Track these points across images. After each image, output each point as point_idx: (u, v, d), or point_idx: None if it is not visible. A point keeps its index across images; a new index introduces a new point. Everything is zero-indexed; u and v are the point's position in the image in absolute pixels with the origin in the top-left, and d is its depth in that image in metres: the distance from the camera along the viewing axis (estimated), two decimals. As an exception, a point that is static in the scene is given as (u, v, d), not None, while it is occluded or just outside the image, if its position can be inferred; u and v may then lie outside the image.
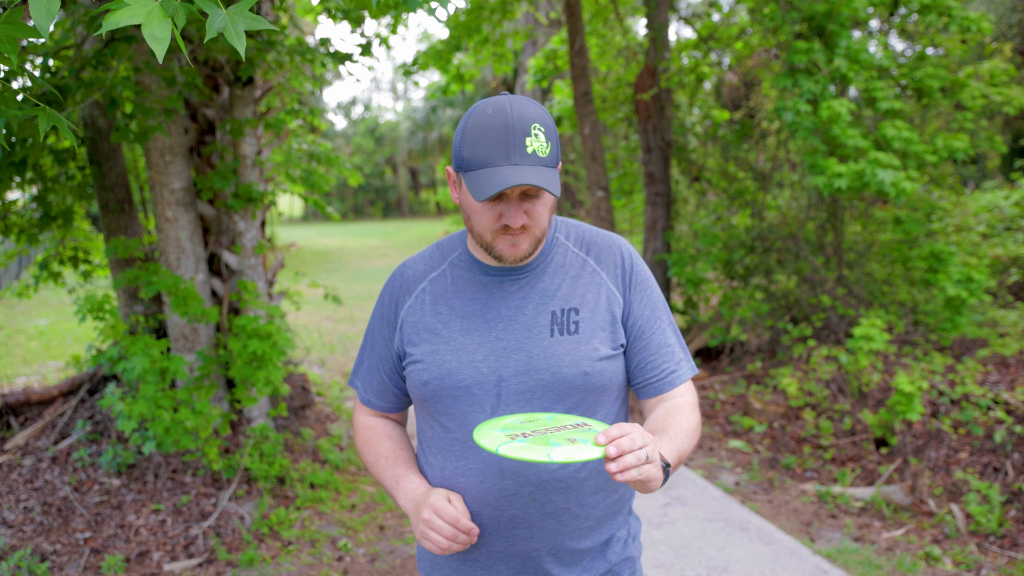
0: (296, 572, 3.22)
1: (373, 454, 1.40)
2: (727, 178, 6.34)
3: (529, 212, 1.21)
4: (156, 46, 1.05)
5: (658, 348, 1.33)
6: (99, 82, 3.23)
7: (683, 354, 1.37)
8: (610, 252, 1.35)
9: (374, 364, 1.41)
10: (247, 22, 1.18)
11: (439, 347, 1.29)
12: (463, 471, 1.29)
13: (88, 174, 4.18)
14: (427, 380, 1.30)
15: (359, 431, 1.46)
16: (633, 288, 1.33)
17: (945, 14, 4.51)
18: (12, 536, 3.31)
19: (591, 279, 1.32)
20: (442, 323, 1.30)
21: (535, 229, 1.23)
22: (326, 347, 7.84)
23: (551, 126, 1.21)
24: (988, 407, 3.92)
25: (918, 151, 4.35)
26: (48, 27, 1.03)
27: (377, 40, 4.65)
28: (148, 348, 3.42)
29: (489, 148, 1.16)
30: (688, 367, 1.36)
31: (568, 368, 1.26)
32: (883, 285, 5.28)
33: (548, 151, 1.18)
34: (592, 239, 1.37)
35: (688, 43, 6.96)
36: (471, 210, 1.23)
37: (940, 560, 3.18)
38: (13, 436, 4.02)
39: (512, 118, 1.17)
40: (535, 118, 1.18)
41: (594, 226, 1.39)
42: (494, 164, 1.16)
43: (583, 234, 1.37)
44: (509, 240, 1.22)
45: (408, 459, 1.39)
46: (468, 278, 1.32)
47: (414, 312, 1.34)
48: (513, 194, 1.19)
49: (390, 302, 1.37)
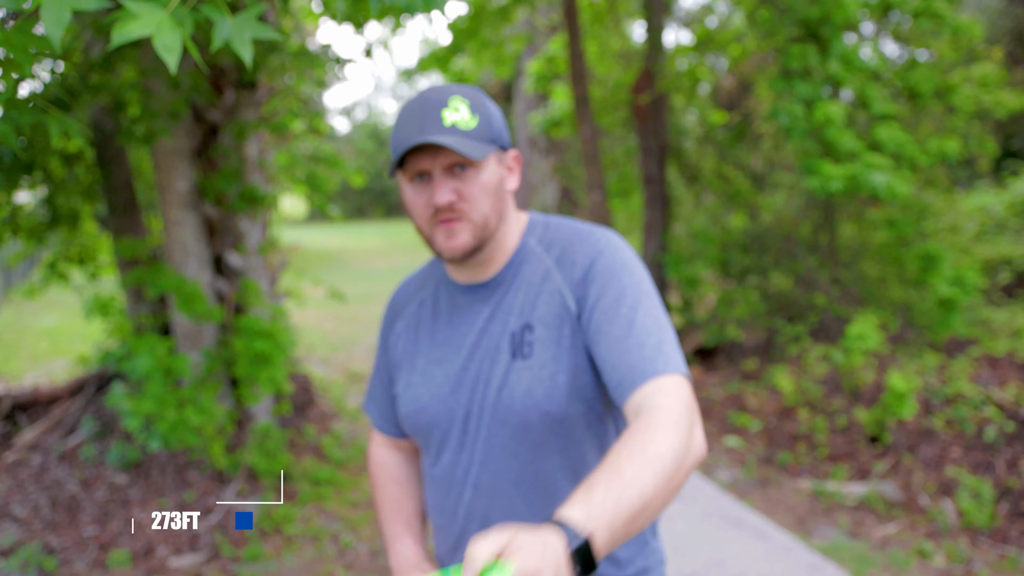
0: (299, 567, 3.28)
1: (379, 499, 1.32)
2: (723, 180, 6.40)
3: (460, 192, 1.06)
4: (168, 57, 1.05)
5: (618, 341, 1.02)
6: (106, 86, 3.28)
7: (660, 348, 1.01)
8: (572, 249, 1.12)
9: (383, 388, 1.31)
10: (253, 31, 1.19)
11: (413, 379, 1.19)
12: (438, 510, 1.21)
13: (95, 176, 4.24)
14: (404, 415, 1.21)
15: (371, 469, 1.35)
16: (591, 281, 1.08)
17: (937, 19, 4.57)
18: (21, 531, 3.37)
19: (545, 285, 1.11)
20: (419, 351, 1.20)
21: (472, 214, 1.07)
22: (328, 346, 7.90)
23: (480, 101, 1.08)
24: (979, 405, 3.98)
25: (911, 153, 4.40)
26: (60, 37, 1.03)
27: (379, 44, 4.70)
28: (154, 347, 3.48)
29: (404, 128, 1.06)
30: (664, 362, 1.00)
31: (520, 399, 1.08)
32: (877, 285, 5.34)
33: (474, 124, 1.06)
34: (559, 236, 1.16)
35: (685, 47, 7.02)
36: (407, 207, 1.11)
37: (932, 555, 3.23)
38: (22, 433, 4.07)
39: (429, 94, 1.08)
40: (458, 92, 1.08)
41: (584, 222, 1.19)
42: (408, 141, 1.04)
43: (553, 232, 1.17)
44: (444, 230, 1.07)
45: (410, 512, 1.29)
46: (446, 300, 1.20)
47: (400, 338, 1.25)
48: (434, 169, 1.06)
49: (385, 326, 1.29)
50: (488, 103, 1.11)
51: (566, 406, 1.08)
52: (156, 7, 1.08)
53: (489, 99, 1.12)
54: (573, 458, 1.12)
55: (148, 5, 1.08)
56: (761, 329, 5.56)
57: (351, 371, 6.82)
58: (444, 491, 1.18)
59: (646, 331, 1.02)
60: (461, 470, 1.15)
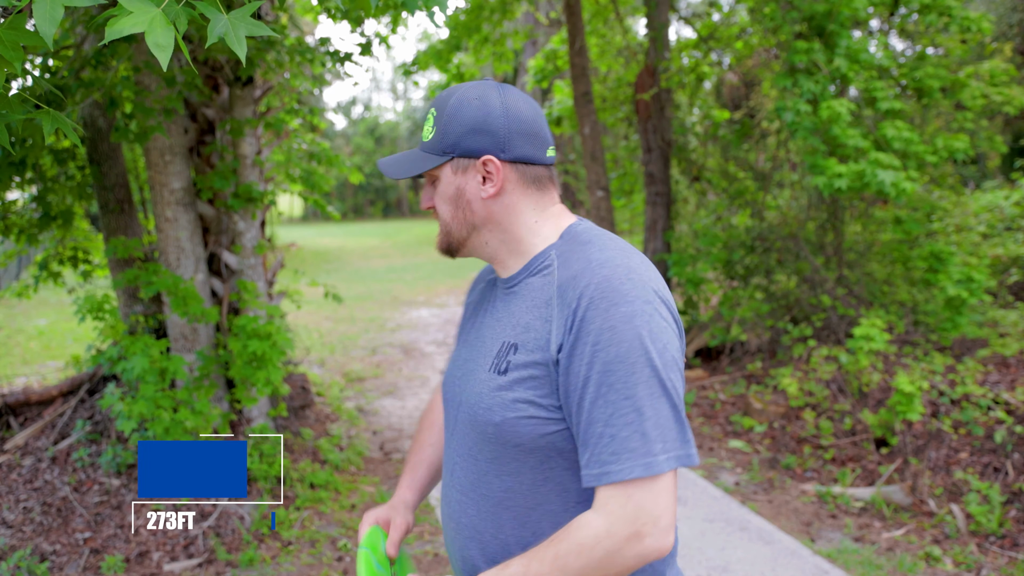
0: (296, 572, 3.22)
1: (413, 439, 1.43)
2: (727, 178, 6.34)
3: (434, 199, 1.17)
4: (160, 54, 1.05)
5: (584, 424, 0.98)
6: (99, 82, 3.22)
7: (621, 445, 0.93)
8: (575, 282, 1.02)
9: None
10: (248, 28, 1.18)
11: (452, 354, 1.28)
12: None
13: (88, 174, 4.17)
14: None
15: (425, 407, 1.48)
16: (577, 336, 0.98)
17: (945, 14, 4.51)
18: (12, 536, 3.31)
19: (544, 310, 1.06)
20: (463, 329, 1.29)
21: (441, 220, 1.17)
22: (326, 347, 7.84)
23: (447, 109, 1.12)
24: (988, 407, 3.92)
25: (918, 151, 4.35)
26: (52, 34, 1.02)
27: (377, 40, 4.65)
28: (148, 348, 3.42)
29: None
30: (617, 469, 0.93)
31: (483, 412, 1.08)
32: (883, 285, 5.28)
33: (430, 135, 1.14)
34: (574, 259, 1.06)
35: (688, 43, 6.96)
36: None
37: (940, 560, 3.18)
38: (13, 436, 4.01)
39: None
40: (436, 102, 1.15)
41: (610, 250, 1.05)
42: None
43: (576, 251, 1.08)
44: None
45: (424, 457, 1.37)
46: (492, 289, 1.25)
47: (465, 311, 1.33)
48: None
49: (466, 296, 1.36)
50: (456, 110, 1.11)
51: (526, 435, 1.05)
52: (149, 3, 1.08)
53: (470, 101, 1.11)
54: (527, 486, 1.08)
55: (142, 1, 1.08)
56: (765, 330, 5.51)
57: (349, 372, 6.77)
58: (447, 467, 1.22)
59: (612, 419, 0.95)
60: (450, 453, 1.21)
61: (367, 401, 5.83)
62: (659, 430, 0.94)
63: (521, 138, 1.11)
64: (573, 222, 1.16)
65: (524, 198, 1.13)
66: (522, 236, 1.15)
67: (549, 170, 1.17)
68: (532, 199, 1.14)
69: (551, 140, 1.17)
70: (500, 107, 1.11)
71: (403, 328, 9.00)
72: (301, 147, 5.10)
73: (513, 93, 1.14)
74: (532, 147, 1.12)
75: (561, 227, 1.15)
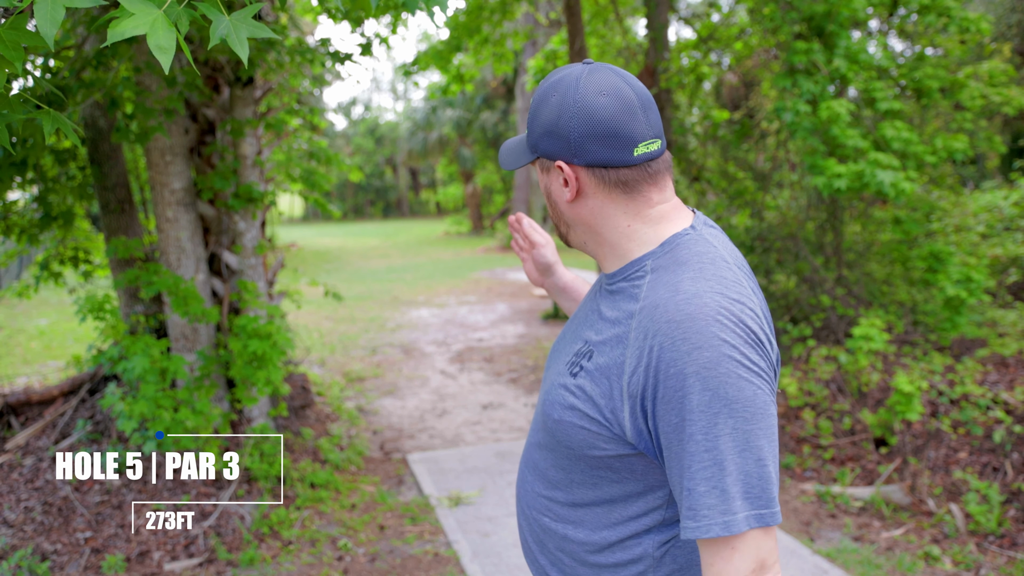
0: (296, 572, 3.22)
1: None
2: (727, 178, 6.35)
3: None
4: (161, 56, 1.04)
5: (674, 476, 0.94)
6: (100, 82, 3.23)
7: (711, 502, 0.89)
8: (655, 317, 0.94)
9: None
10: (250, 29, 1.18)
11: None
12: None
13: (88, 174, 4.18)
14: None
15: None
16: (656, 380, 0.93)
17: (944, 14, 4.52)
18: (13, 536, 3.32)
19: (623, 329, 1.00)
20: (581, 304, 1.24)
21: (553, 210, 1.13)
22: (326, 347, 7.84)
23: (533, 104, 1.08)
24: (987, 407, 3.93)
25: (917, 151, 4.35)
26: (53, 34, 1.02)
27: (377, 40, 4.66)
28: (148, 348, 3.43)
29: None
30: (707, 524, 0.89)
31: (549, 405, 1.08)
32: (882, 285, 5.29)
33: (527, 131, 1.11)
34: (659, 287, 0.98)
35: (688, 43, 6.96)
36: None
37: (939, 560, 3.19)
38: (14, 436, 4.02)
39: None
40: (535, 91, 1.11)
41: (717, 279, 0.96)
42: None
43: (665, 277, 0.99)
44: None
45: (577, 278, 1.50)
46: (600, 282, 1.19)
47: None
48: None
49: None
50: (536, 108, 1.06)
51: (572, 440, 1.04)
52: (151, 5, 1.08)
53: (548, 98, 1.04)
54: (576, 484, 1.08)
55: (143, 2, 1.07)
56: (764, 329, 5.50)
57: (349, 372, 6.77)
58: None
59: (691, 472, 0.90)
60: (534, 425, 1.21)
61: (367, 401, 5.84)
62: (739, 486, 0.89)
63: (595, 142, 1.00)
64: (680, 230, 1.05)
65: (609, 202, 1.04)
66: (615, 241, 1.06)
67: (642, 169, 1.03)
68: (619, 203, 1.04)
69: (644, 134, 1.01)
70: (574, 107, 1.00)
71: (403, 328, 9.01)
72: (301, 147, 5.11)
73: (596, 84, 1.00)
74: (610, 150, 1.00)
75: (664, 234, 1.05)
